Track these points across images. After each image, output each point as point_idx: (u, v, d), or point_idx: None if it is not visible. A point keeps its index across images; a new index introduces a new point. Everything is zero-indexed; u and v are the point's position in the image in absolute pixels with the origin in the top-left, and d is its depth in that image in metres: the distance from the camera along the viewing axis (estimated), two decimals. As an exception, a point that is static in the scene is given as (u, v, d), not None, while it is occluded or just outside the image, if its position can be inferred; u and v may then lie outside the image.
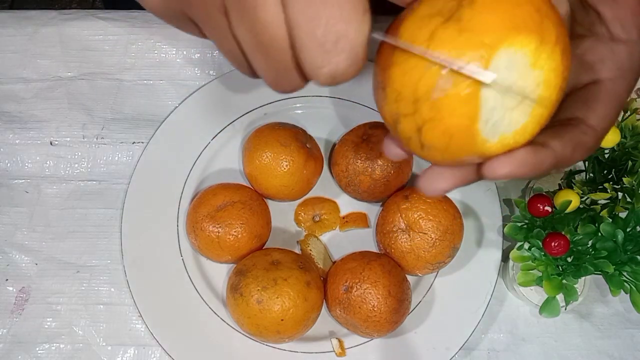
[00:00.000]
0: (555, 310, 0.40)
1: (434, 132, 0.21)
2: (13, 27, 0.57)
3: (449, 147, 0.22)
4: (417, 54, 0.20)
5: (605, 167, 0.42)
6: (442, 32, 0.20)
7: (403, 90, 0.21)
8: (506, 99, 0.21)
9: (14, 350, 0.47)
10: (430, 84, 0.20)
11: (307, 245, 0.50)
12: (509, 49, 0.20)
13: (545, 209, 0.39)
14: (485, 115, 0.21)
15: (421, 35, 0.20)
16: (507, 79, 0.20)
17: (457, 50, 0.20)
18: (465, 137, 0.21)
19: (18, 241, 0.51)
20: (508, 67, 0.20)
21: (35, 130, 0.54)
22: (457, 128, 0.21)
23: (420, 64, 0.20)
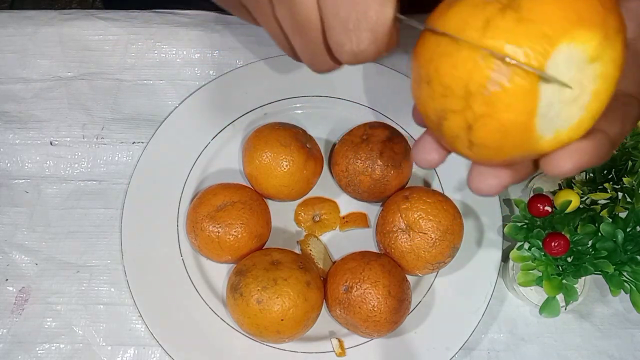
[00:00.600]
0: (555, 310, 0.40)
1: (486, 129, 0.20)
2: (13, 27, 0.57)
3: (502, 145, 0.20)
4: (469, 44, 0.18)
5: (605, 167, 0.42)
6: (499, 20, 0.18)
7: (453, 84, 0.19)
8: (563, 93, 0.19)
9: (14, 350, 0.47)
10: (485, 76, 0.18)
11: (307, 245, 0.50)
12: (570, 43, 0.18)
13: (545, 209, 0.39)
14: (543, 110, 0.19)
15: (474, 24, 0.19)
16: (566, 73, 0.19)
17: (515, 40, 0.18)
18: (520, 133, 0.20)
19: (18, 241, 0.51)
20: (568, 60, 0.19)
21: (35, 130, 0.54)
22: (512, 124, 0.19)
23: (474, 56, 0.18)
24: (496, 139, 0.20)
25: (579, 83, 0.19)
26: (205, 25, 0.58)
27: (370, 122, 0.51)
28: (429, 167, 0.25)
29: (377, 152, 0.48)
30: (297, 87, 0.55)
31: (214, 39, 0.57)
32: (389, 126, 0.51)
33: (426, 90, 0.21)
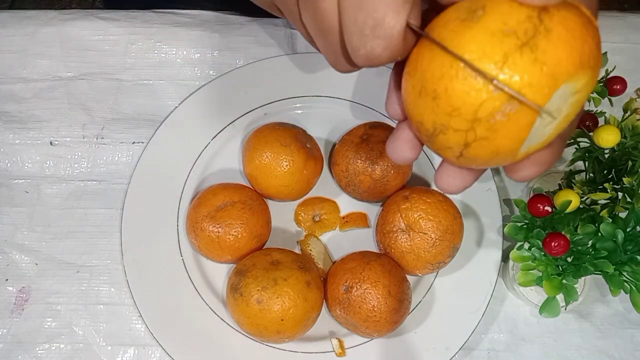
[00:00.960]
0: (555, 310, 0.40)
1: (482, 149, 0.22)
2: (13, 27, 0.57)
3: (489, 161, 0.23)
4: (485, 76, 0.20)
5: (605, 167, 0.42)
6: (517, 58, 0.20)
7: (462, 108, 0.21)
8: (546, 120, 0.21)
9: (14, 351, 0.47)
10: (496, 108, 0.20)
11: (307, 246, 0.50)
12: (569, 83, 0.21)
13: (545, 209, 0.39)
14: (530, 135, 0.21)
15: (493, 56, 0.20)
16: (554, 104, 0.21)
17: (529, 79, 0.20)
18: (508, 153, 0.22)
19: (18, 241, 0.51)
20: (561, 95, 0.21)
21: (35, 130, 0.54)
22: (505, 148, 0.22)
23: (489, 88, 0.20)
24: (487, 157, 0.22)
25: (559, 111, 0.22)
26: (205, 25, 0.58)
27: (370, 122, 0.51)
28: (405, 163, 0.26)
29: (377, 152, 0.48)
30: (297, 87, 0.55)
31: (214, 39, 0.57)
32: (389, 126, 0.51)
33: (428, 103, 0.22)
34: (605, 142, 0.38)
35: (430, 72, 0.22)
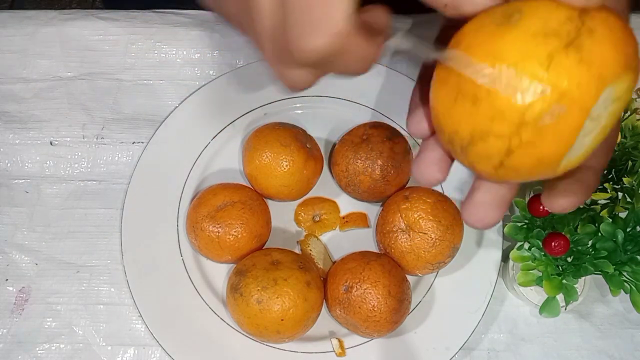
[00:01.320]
0: (555, 310, 0.40)
1: (526, 156, 0.20)
2: (13, 27, 0.57)
3: (531, 171, 0.21)
4: (532, 74, 0.19)
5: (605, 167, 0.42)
6: (563, 58, 0.19)
7: (507, 110, 0.20)
8: (587, 127, 0.20)
9: (14, 351, 0.47)
10: (544, 108, 0.19)
11: (307, 246, 0.50)
12: (613, 85, 0.20)
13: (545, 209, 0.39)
14: (576, 142, 0.20)
15: (539, 56, 0.19)
16: (598, 112, 0.20)
17: (576, 80, 0.19)
18: (552, 162, 0.21)
19: (18, 241, 0.50)
20: (605, 99, 0.20)
21: (35, 130, 0.54)
22: (551, 154, 0.20)
23: (536, 87, 0.19)
24: (530, 165, 0.21)
25: (599, 118, 0.20)
26: (205, 25, 0.58)
27: (370, 122, 0.51)
28: (432, 186, 0.25)
29: (377, 152, 0.48)
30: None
31: (214, 39, 0.57)
32: (389, 126, 0.51)
33: (467, 109, 0.21)
34: (605, 142, 0.38)
35: (466, 76, 0.21)
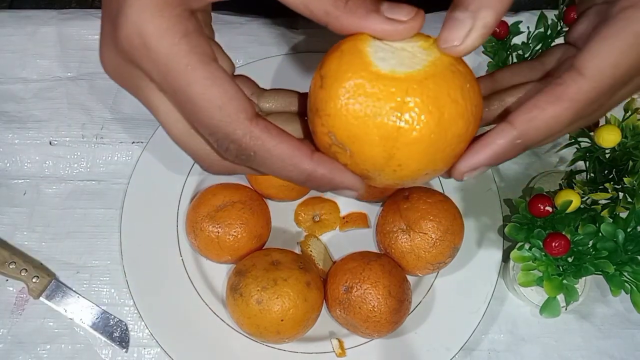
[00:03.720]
0: (556, 311, 0.40)
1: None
2: (12, 27, 0.56)
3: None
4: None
5: (606, 167, 0.42)
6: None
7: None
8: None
9: (14, 351, 0.47)
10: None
11: (308, 247, 0.50)
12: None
13: (546, 209, 0.39)
14: None
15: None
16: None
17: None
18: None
19: (18, 241, 0.50)
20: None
21: (35, 130, 0.54)
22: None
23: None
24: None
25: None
26: (205, 24, 0.58)
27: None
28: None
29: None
30: (297, 87, 0.55)
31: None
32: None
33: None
34: (606, 142, 0.38)
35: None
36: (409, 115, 0.22)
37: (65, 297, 0.48)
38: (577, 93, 0.21)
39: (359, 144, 0.23)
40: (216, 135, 0.23)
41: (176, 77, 0.22)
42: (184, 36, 0.22)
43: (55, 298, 0.48)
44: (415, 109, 0.22)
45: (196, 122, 0.24)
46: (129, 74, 0.25)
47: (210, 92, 0.22)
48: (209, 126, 0.23)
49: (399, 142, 0.22)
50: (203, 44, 0.23)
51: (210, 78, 0.22)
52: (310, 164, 0.24)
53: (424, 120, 0.22)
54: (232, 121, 0.23)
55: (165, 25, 0.22)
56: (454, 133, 0.23)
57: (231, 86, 0.23)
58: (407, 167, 0.23)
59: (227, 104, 0.23)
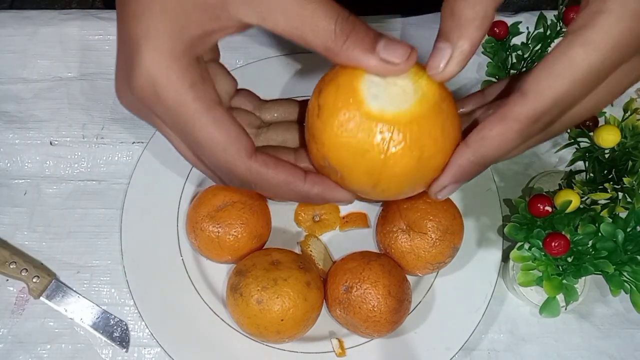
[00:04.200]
0: (556, 311, 0.40)
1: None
2: (13, 27, 0.57)
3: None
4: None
5: (606, 167, 0.42)
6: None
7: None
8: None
9: (14, 351, 0.47)
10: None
11: (308, 247, 0.50)
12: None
13: (546, 209, 0.39)
14: None
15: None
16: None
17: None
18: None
19: (18, 241, 0.51)
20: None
21: (35, 130, 0.54)
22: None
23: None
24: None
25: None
26: (205, 25, 0.58)
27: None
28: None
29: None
30: (297, 87, 0.55)
31: (214, 38, 0.57)
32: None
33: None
34: (606, 142, 0.38)
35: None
36: (393, 153, 0.25)
37: (65, 297, 0.48)
38: (519, 113, 0.23)
39: (348, 171, 0.26)
40: (221, 171, 0.27)
41: (185, 123, 0.25)
42: (191, 86, 0.25)
43: (56, 298, 0.48)
44: (400, 148, 0.25)
45: (203, 159, 0.27)
46: (144, 112, 0.28)
47: (215, 136, 0.25)
48: (215, 164, 0.27)
49: (384, 174, 0.26)
50: (208, 90, 0.26)
51: (214, 123, 0.25)
52: (305, 186, 0.27)
53: (406, 158, 0.25)
54: (234, 160, 0.26)
55: (174, 77, 0.25)
56: (432, 166, 0.26)
57: (233, 128, 0.26)
58: (390, 191, 0.27)
59: (230, 146, 0.26)
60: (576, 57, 0.22)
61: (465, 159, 0.26)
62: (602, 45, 0.21)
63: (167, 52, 0.25)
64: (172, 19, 0.24)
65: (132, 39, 0.25)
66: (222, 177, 0.27)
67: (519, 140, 0.24)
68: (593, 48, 0.21)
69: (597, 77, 0.22)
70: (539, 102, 0.23)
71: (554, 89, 0.22)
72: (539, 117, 0.23)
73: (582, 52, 0.22)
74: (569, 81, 0.22)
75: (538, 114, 0.23)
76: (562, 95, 0.22)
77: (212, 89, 0.26)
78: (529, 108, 0.23)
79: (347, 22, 0.25)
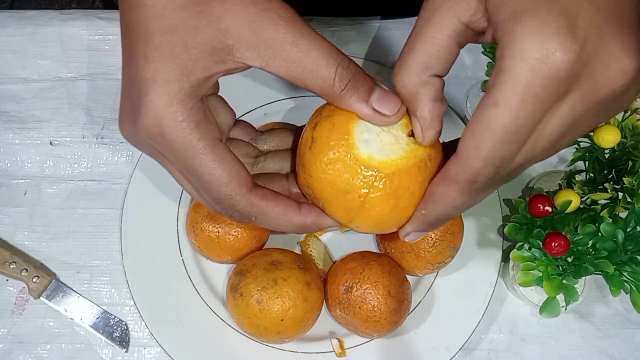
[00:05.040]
0: (556, 311, 0.40)
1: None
2: (12, 27, 0.57)
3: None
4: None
5: (606, 167, 0.42)
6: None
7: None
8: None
9: (14, 350, 0.47)
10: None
11: (308, 247, 0.50)
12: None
13: (546, 209, 0.39)
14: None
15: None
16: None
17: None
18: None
19: (18, 241, 0.51)
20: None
21: (35, 130, 0.54)
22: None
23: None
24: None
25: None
26: (205, 25, 0.58)
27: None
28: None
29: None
30: (297, 87, 0.55)
31: (214, 38, 0.57)
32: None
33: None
34: (606, 142, 0.38)
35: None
36: (371, 198, 0.27)
37: (65, 297, 0.48)
38: (456, 174, 0.24)
39: (328, 205, 0.28)
40: (222, 205, 0.28)
41: (190, 161, 0.27)
42: (196, 126, 0.26)
43: (56, 298, 0.48)
44: (378, 195, 0.27)
45: (205, 195, 0.28)
46: (147, 149, 0.29)
47: (218, 173, 0.27)
48: (217, 199, 0.28)
49: (360, 215, 0.28)
50: (211, 129, 0.27)
51: (217, 160, 0.27)
52: (300, 217, 0.30)
53: (382, 205, 0.27)
54: (236, 195, 0.28)
55: (181, 118, 0.26)
56: (404, 215, 0.28)
57: (234, 163, 0.28)
58: (363, 228, 0.29)
59: (232, 181, 0.27)
60: (490, 118, 0.22)
61: (420, 212, 0.28)
62: (510, 103, 0.22)
63: (175, 94, 0.26)
64: (180, 64, 0.26)
65: (141, 78, 0.26)
66: (224, 210, 0.29)
67: (465, 198, 0.25)
68: (503, 106, 0.22)
69: (518, 131, 0.22)
70: (471, 163, 0.24)
71: (479, 149, 0.23)
72: (475, 177, 0.24)
73: (494, 112, 0.22)
74: (491, 142, 0.23)
75: (473, 175, 0.24)
76: (490, 155, 0.23)
77: (214, 127, 0.28)
78: (464, 169, 0.24)
79: (347, 71, 0.26)
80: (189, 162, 0.27)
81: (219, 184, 0.27)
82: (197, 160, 0.27)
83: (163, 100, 0.26)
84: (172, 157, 0.28)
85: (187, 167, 0.27)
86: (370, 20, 0.59)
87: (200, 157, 0.27)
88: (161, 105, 0.26)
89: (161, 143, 0.27)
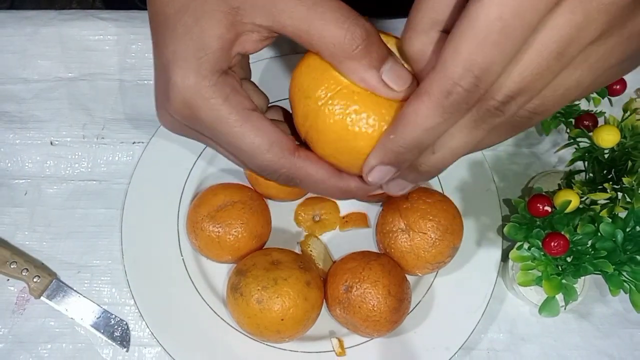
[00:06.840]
0: (555, 310, 0.40)
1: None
2: (12, 27, 0.57)
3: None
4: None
5: (605, 167, 0.42)
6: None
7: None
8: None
9: (15, 350, 0.47)
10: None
11: (308, 246, 0.50)
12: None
13: (545, 209, 0.39)
14: None
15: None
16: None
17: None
18: None
19: (19, 241, 0.51)
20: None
21: (36, 131, 0.54)
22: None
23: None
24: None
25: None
26: (205, 25, 0.58)
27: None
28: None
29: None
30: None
31: (214, 38, 0.57)
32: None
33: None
34: (605, 142, 0.38)
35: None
36: (330, 106, 0.26)
37: (66, 297, 0.48)
38: (430, 85, 0.21)
39: (293, 112, 0.29)
40: (267, 171, 0.28)
41: (226, 135, 0.27)
42: (225, 101, 0.26)
43: (56, 298, 0.48)
44: (338, 106, 0.26)
45: (250, 164, 0.28)
46: (187, 131, 0.29)
47: (257, 141, 0.27)
48: (261, 167, 0.28)
49: (317, 121, 0.27)
50: (242, 100, 0.27)
51: (254, 130, 0.26)
52: (343, 181, 0.28)
53: (339, 118, 0.26)
54: (278, 159, 0.27)
55: (207, 95, 0.26)
56: (366, 145, 0.26)
57: (273, 130, 0.27)
58: (319, 145, 0.28)
59: (273, 147, 0.27)
60: (472, 15, 0.19)
61: (387, 137, 0.24)
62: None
63: (195, 71, 0.26)
64: (192, 38, 0.25)
65: (164, 64, 0.26)
66: (270, 175, 0.28)
67: (437, 116, 0.22)
68: (488, 0, 0.19)
69: (504, 31, 0.19)
70: (446, 70, 0.20)
71: (458, 52, 0.20)
72: (450, 87, 0.20)
73: (478, 8, 0.19)
74: (472, 44, 0.19)
75: (448, 84, 0.20)
76: (470, 58, 0.20)
77: (245, 98, 0.27)
78: (438, 77, 0.21)
79: (361, 30, 0.24)
80: (225, 136, 0.27)
81: (260, 151, 0.27)
82: (233, 133, 0.26)
83: (185, 80, 0.26)
84: (210, 134, 0.27)
85: (225, 141, 0.27)
86: (370, 21, 0.58)
87: (235, 130, 0.26)
88: (185, 84, 0.26)
89: (195, 123, 0.27)
